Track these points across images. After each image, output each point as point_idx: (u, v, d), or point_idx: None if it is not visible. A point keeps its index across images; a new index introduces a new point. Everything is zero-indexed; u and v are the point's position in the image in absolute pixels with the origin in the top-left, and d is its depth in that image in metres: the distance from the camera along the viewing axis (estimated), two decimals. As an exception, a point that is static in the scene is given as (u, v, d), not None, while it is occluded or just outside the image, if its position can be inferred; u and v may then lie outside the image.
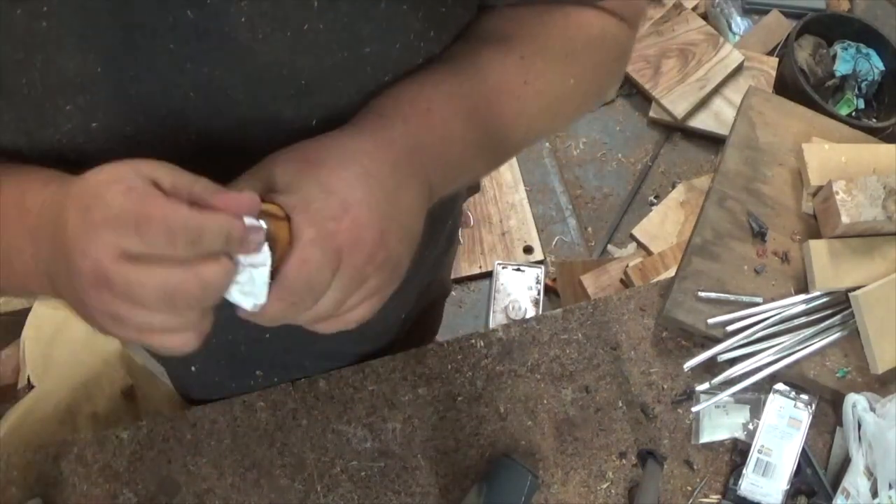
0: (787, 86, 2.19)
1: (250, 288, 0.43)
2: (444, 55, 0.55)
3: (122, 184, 0.39)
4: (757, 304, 0.92)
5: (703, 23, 2.31)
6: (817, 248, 0.92)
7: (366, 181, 0.45)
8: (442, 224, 0.83)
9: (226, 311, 0.43)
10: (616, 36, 0.60)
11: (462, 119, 0.53)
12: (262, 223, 0.42)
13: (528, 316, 1.61)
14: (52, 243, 0.42)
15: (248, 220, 0.42)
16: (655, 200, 2.18)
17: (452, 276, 1.18)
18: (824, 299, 0.93)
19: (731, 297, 0.92)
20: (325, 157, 0.46)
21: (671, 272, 1.67)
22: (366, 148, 0.47)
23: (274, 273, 0.43)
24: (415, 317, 0.98)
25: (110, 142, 0.48)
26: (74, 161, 0.48)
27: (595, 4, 0.58)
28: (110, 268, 0.39)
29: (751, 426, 0.89)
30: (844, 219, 0.90)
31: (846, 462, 0.86)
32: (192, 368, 0.87)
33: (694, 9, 2.36)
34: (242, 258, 0.42)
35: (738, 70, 2.24)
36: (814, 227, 0.96)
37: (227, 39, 0.45)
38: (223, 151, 0.51)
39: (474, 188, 1.08)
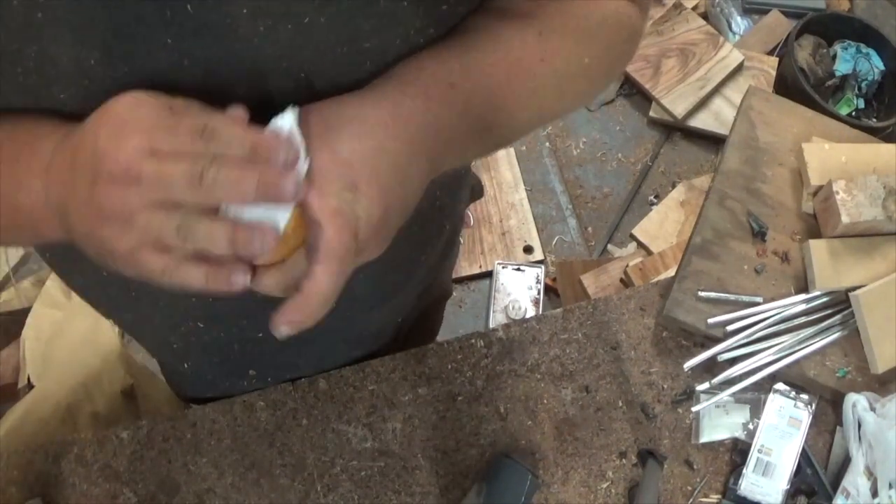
0: (787, 86, 2.19)
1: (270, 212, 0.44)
2: (461, 26, 0.54)
3: (148, 105, 0.43)
4: (757, 304, 0.92)
5: (703, 22, 2.30)
6: (817, 247, 0.92)
7: (379, 157, 0.46)
8: (437, 227, 0.83)
9: (220, 307, 0.43)
10: (629, 16, 0.60)
11: (483, 97, 0.53)
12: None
13: (528, 316, 1.61)
14: (70, 170, 0.44)
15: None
16: (655, 200, 2.18)
17: (452, 276, 1.18)
18: (824, 299, 0.93)
19: (731, 297, 0.92)
20: (344, 125, 0.47)
21: (671, 272, 1.67)
22: (384, 121, 0.48)
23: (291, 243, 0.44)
24: (413, 320, 0.98)
25: None
26: None
27: None
28: (142, 162, 0.41)
29: (751, 426, 0.89)
30: (844, 218, 0.90)
31: (846, 462, 0.86)
32: (185, 365, 0.86)
33: (694, 8, 2.35)
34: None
35: (738, 70, 2.24)
36: (814, 227, 0.96)
37: (228, 32, 0.45)
38: None
39: (477, 193, 1.07)
